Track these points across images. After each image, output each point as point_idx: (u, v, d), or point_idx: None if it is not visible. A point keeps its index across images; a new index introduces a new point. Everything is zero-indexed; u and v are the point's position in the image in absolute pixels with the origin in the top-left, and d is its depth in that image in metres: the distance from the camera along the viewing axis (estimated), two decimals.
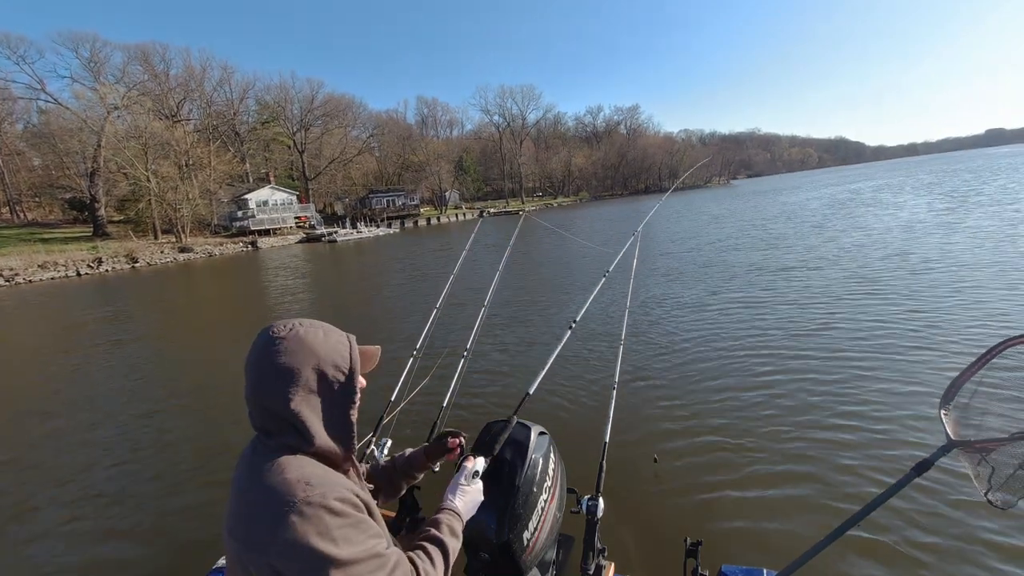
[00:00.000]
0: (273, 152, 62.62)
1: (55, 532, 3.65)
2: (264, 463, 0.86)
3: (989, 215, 14.61)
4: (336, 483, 0.85)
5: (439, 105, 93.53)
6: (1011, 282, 7.35)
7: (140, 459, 4.72)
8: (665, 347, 6.30)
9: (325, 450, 0.91)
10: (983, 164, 53.52)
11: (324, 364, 0.91)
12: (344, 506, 0.82)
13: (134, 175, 37.48)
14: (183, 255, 33.62)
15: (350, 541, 0.80)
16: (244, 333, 10.05)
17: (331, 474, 0.88)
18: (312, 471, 0.85)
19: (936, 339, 5.51)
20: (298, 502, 0.78)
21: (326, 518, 0.79)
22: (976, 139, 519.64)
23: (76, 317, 13.88)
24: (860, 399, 4.33)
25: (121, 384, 7.19)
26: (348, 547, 0.79)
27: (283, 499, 0.79)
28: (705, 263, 12.39)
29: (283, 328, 0.91)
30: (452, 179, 71.49)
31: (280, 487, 0.81)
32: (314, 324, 0.95)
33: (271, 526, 0.78)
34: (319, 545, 0.76)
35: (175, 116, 49.01)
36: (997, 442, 1.15)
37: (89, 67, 45.27)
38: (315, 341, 0.91)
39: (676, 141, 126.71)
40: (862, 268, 9.54)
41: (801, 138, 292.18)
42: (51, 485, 4.34)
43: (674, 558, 2.00)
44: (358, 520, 0.83)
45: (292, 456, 0.87)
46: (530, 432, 1.72)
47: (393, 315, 10.60)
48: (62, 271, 26.93)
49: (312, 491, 0.80)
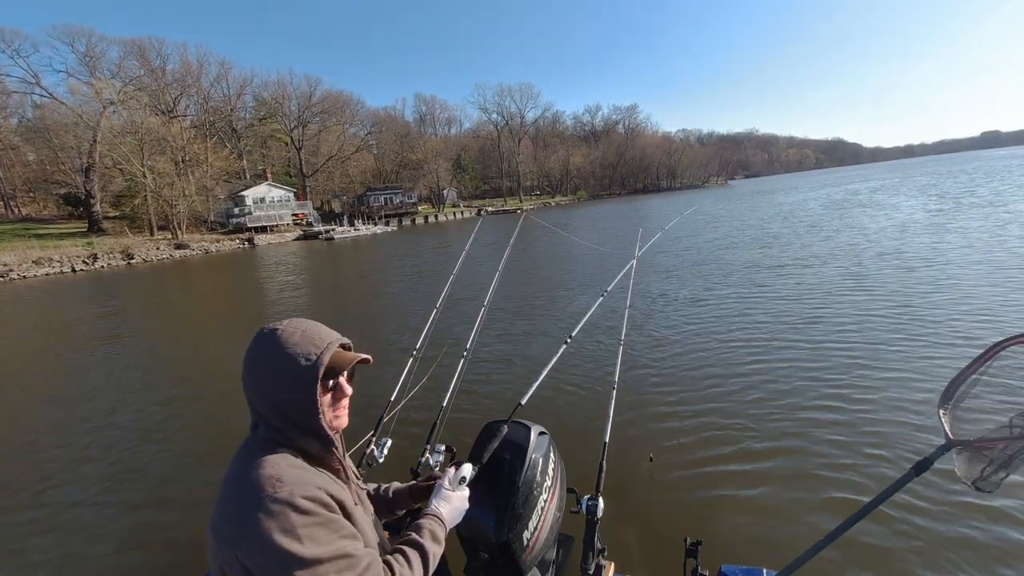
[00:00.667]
0: (270, 149, 62.36)
1: (51, 528, 3.62)
2: (247, 457, 0.88)
3: (985, 216, 14.67)
4: (308, 481, 0.85)
5: (437, 103, 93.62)
6: (1008, 282, 7.37)
7: (137, 456, 4.69)
8: (665, 347, 6.29)
9: (304, 447, 0.93)
10: (978, 166, 53.83)
11: (293, 364, 0.91)
12: (312, 504, 0.82)
13: (130, 171, 37.30)
14: (179, 252, 33.46)
15: (316, 540, 0.80)
16: (240, 329, 10.03)
17: (307, 472, 0.88)
18: (287, 469, 0.86)
19: (936, 339, 5.51)
20: (264, 498, 0.80)
21: (292, 516, 0.79)
22: (972, 141, 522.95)
23: (73, 313, 13.80)
24: (860, 399, 4.33)
25: (120, 378, 7.15)
26: (314, 546, 0.79)
27: (252, 495, 0.81)
28: (705, 263, 12.40)
29: (268, 327, 0.95)
30: (450, 177, 71.36)
31: (252, 482, 0.82)
32: (298, 324, 0.97)
33: (239, 521, 0.80)
34: (283, 542, 0.77)
35: (171, 112, 48.76)
36: (995, 441, 1.15)
37: (85, 62, 45.07)
38: (289, 341, 0.93)
39: (674, 141, 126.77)
40: (862, 269, 9.54)
41: (799, 139, 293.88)
42: (49, 483, 4.31)
43: (674, 558, 2.00)
44: (327, 519, 0.83)
45: (274, 453, 0.88)
46: (530, 432, 1.71)
47: (392, 314, 10.57)
48: (57, 267, 26.79)
49: (281, 487, 0.81)
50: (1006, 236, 11.08)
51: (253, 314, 12.14)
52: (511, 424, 1.76)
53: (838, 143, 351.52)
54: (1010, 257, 9.00)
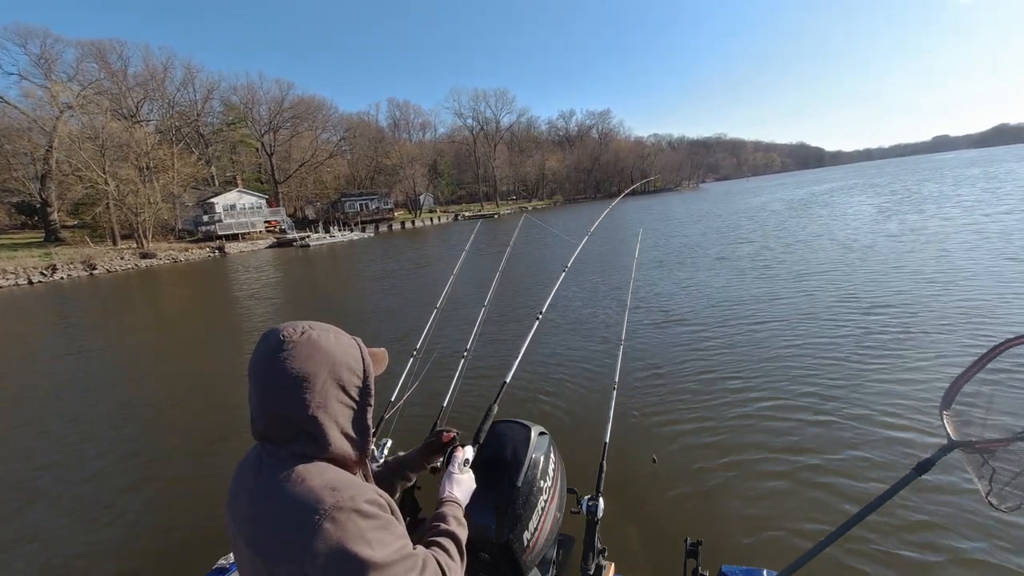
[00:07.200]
0: (240, 155, 60.78)
1: (40, 535, 3.53)
2: (278, 473, 0.82)
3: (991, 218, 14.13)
4: (361, 485, 0.84)
5: (411, 108, 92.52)
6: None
7: (133, 458, 4.46)
8: (666, 348, 6.27)
9: (339, 455, 0.88)
10: (954, 171, 55.67)
11: (340, 368, 0.88)
12: (374, 508, 0.81)
13: (90, 178, 35.74)
14: (145, 261, 32.22)
15: (383, 543, 0.79)
16: (220, 335, 9.70)
17: (351, 477, 0.87)
18: (334, 476, 0.83)
19: (940, 339, 5.49)
20: (329, 508, 0.76)
21: (359, 522, 0.78)
22: (925, 145, 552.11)
23: (29, 327, 13.09)
24: (862, 400, 4.32)
25: (105, 382, 6.80)
26: (383, 549, 0.78)
27: (313, 507, 0.77)
28: (706, 261, 12.51)
29: (294, 332, 0.87)
30: (426, 183, 70.92)
31: (307, 495, 0.78)
32: (324, 327, 0.92)
33: (304, 536, 0.76)
34: (357, 549, 0.75)
35: (134, 116, 47.01)
36: (998, 443, 1.14)
37: (39, 64, 42.89)
38: (329, 344, 0.89)
39: (647, 145, 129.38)
40: (863, 269, 9.45)
41: (765, 143, 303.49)
42: (46, 481, 4.23)
43: (674, 558, 2.00)
44: (387, 521, 0.82)
45: (307, 463, 0.84)
46: (530, 432, 1.70)
47: (392, 315, 10.46)
48: (11, 279, 25.41)
49: (341, 496, 0.79)
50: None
51: (237, 322, 11.75)
52: (511, 424, 1.74)
53: (801, 147, 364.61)
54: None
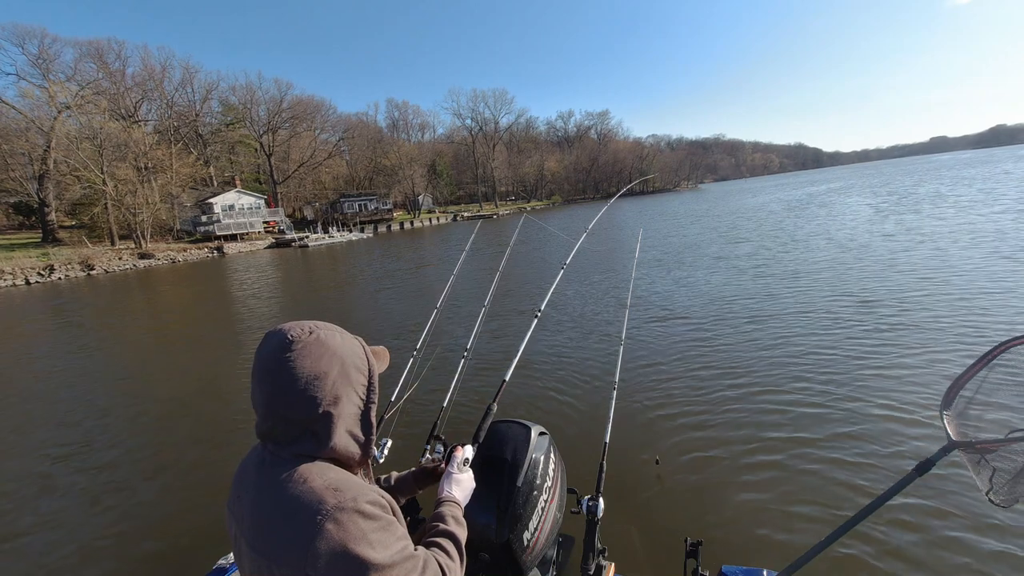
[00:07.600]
0: (239, 155, 60.68)
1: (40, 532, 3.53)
2: (281, 473, 0.83)
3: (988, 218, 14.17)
4: (362, 486, 0.84)
5: (410, 108, 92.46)
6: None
7: (130, 459, 4.45)
8: (667, 347, 6.25)
9: (342, 455, 0.89)
10: (947, 172, 54.96)
11: (348, 367, 0.89)
12: (375, 509, 0.82)
13: (88, 178, 35.63)
14: (143, 261, 32.09)
15: (385, 544, 0.79)
16: (222, 334, 9.68)
17: (353, 478, 0.87)
18: (336, 476, 0.84)
19: (941, 339, 5.49)
20: (331, 509, 0.77)
21: (361, 523, 0.78)
22: (923, 146, 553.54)
23: (27, 326, 13.05)
24: (862, 400, 4.32)
25: (106, 386, 6.78)
26: (384, 550, 0.78)
27: (315, 508, 0.77)
28: (706, 261, 12.50)
29: (302, 331, 0.88)
30: (425, 183, 70.86)
31: (309, 496, 0.79)
32: (329, 326, 0.93)
33: (305, 536, 0.76)
34: (359, 550, 0.75)
35: (132, 117, 46.91)
36: (998, 442, 1.15)
37: (37, 64, 42.71)
38: (336, 343, 0.89)
39: (645, 146, 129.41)
40: (863, 270, 9.45)
41: (763, 144, 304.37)
42: (48, 480, 4.21)
43: (674, 558, 2.00)
44: (388, 522, 0.83)
45: (310, 463, 0.84)
46: (530, 432, 1.70)
47: (385, 317, 10.41)
48: (9, 279, 25.30)
49: (343, 496, 0.79)
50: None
51: (251, 319, 11.67)
52: (511, 424, 1.74)
53: (800, 148, 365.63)
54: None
